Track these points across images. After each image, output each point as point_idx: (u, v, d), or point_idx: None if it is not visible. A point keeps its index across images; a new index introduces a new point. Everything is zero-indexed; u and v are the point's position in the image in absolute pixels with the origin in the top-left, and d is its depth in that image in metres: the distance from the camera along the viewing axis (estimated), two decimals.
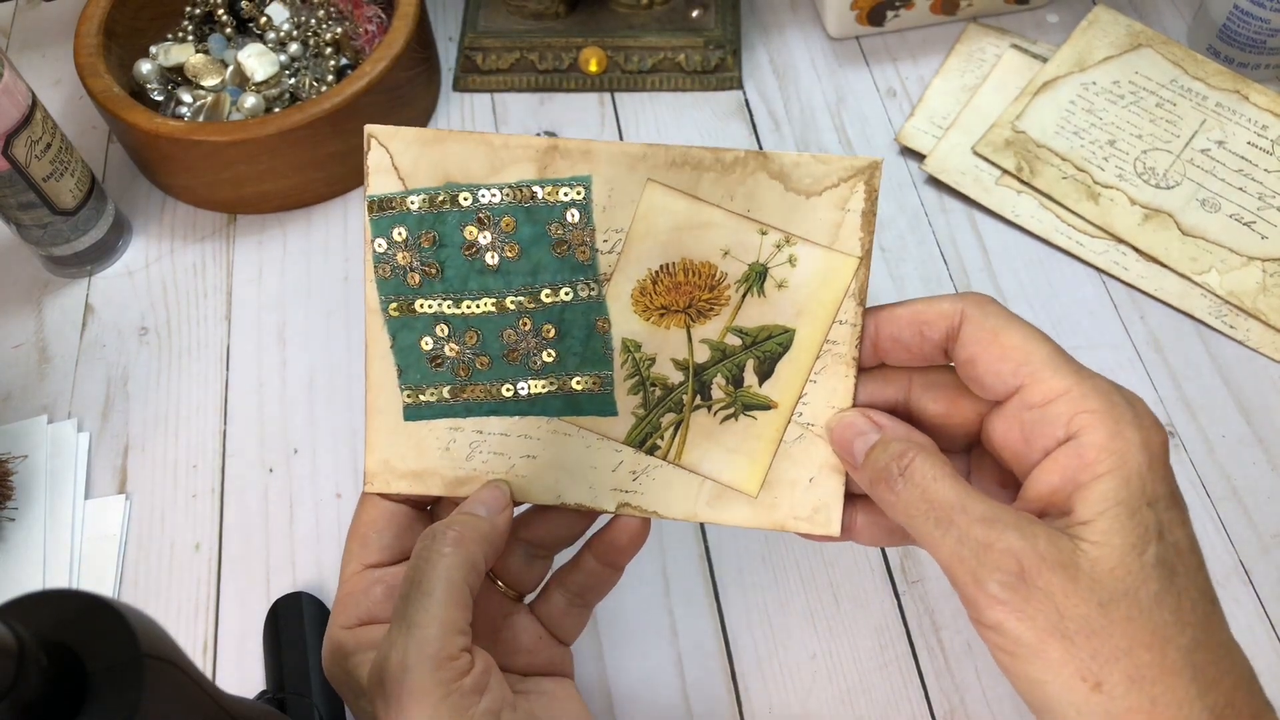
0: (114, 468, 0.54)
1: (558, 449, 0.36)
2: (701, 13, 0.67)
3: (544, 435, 0.37)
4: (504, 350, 0.36)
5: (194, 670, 0.30)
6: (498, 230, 0.35)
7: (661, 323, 0.36)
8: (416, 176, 0.35)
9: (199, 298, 0.60)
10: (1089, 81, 0.62)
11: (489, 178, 0.35)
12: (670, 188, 0.35)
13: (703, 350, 0.36)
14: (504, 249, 0.35)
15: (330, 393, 0.56)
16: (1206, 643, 0.29)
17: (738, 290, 0.35)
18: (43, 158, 0.54)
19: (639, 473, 0.36)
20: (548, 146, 0.35)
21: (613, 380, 0.36)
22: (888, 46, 0.68)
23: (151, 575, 0.51)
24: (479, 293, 0.36)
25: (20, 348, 0.59)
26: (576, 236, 0.35)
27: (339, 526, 0.52)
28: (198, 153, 0.58)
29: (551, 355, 0.36)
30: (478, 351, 0.36)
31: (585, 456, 0.36)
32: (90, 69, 0.60)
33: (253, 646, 0.49)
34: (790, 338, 0.35)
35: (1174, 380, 0.54)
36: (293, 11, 0.67)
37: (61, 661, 0.26)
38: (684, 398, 0.36)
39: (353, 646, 0.34)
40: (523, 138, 0.35)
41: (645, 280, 0.35)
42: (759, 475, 0.36)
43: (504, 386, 0.36)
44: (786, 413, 0.36)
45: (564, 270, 0.36)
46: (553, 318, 0.36)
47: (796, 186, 0.34)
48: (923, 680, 0.46)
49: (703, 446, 0.36)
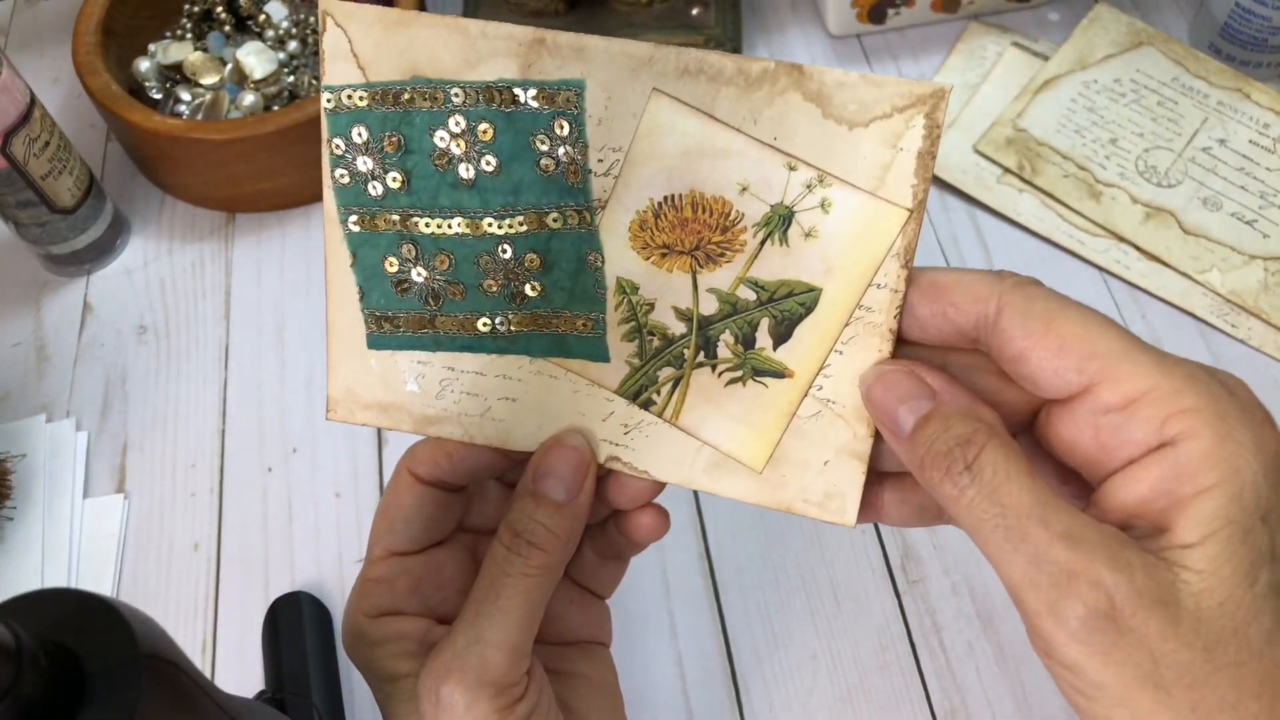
0: (112, 467, 0.54)
1: (541, 392, 0.32)
2: (702, 10, 0.67)
3: (526, 376, 0.32)
4: (480, 279, 0.31)
5: (193, 670, 0.30)
6: (473, 138, 0.30)
7: (663, 264, 0.31)
8: (378, 67, 0.30)
9: (198, 297, 0.60)
10: (1090, 80, 0.62)
11: (462, 73, 0.29)
12: (681, 102, 0.29)
13: (710, 301, 0.31)
14: (480, 160, 0.30)
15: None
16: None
17: (755, 235, 0.30)
18: (41, 156, 0.54)
19: (631, 427, 0.32)
20: (533, 39, 0.29)
21: (605, 323, 0.31)
22: (889, 44, 0.68)
23: (150, 575, 0.51)
24: (451, 210, 0.31)
25: (19, 347, 0.59)
26: (565, 154, 0.30)
27: (338, 526, 0.52)
28: (196, 151, 0.58)
29: (536, 289, 0.31)
30: (450, 279, 0.32)
31: (572, 402, 0.32)
32: (89, 67, 0.60)
33: (252, 646, 0.48)
34: (815, 298, 0.30)
35: None
36: (291, 9, 0.67)
37: (60, 661, 0.26)
38: (685, 352, 0.31)
39: (377, 636, 0.33)
40: (505, 26, 0.29)
41: (646, 212, 0.30)
42: (765, 450, 0.31)
43: (480, 320, 0.32)
44: (804, 384, 0.31)
45: (550, 192, 0.30)
46: (537, 246, 0.31)
47: (838, 114, 0.28)
48: (923, 680, 0.46)
49: (703, 409, 0.31)
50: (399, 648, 0.32)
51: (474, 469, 0.34)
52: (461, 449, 0.33)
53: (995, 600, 0.48)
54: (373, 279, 0.32)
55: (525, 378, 0.32)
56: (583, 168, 0.30)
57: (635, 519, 0.34)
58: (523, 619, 0.30)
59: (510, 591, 0.30)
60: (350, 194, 0.31)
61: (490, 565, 0.31)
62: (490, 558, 0.31)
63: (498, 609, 0.30)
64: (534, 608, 0.31)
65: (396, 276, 0.32)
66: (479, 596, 0.31)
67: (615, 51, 0.29)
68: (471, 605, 0.31)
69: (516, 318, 0.32)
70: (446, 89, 0.30)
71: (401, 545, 0.34)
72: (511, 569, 0.31)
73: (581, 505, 0.32)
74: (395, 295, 0.32)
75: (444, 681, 0.30)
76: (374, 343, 0.32)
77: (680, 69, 0.29)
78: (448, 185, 0.31)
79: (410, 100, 0.30)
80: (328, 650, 0.48)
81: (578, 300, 0.31)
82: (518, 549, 0.31)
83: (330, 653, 0.48)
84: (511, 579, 0.31)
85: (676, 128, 0.29)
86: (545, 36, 0.29)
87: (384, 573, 0.34)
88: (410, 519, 0.34)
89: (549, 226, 0.31)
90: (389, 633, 0.33)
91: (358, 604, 0.34)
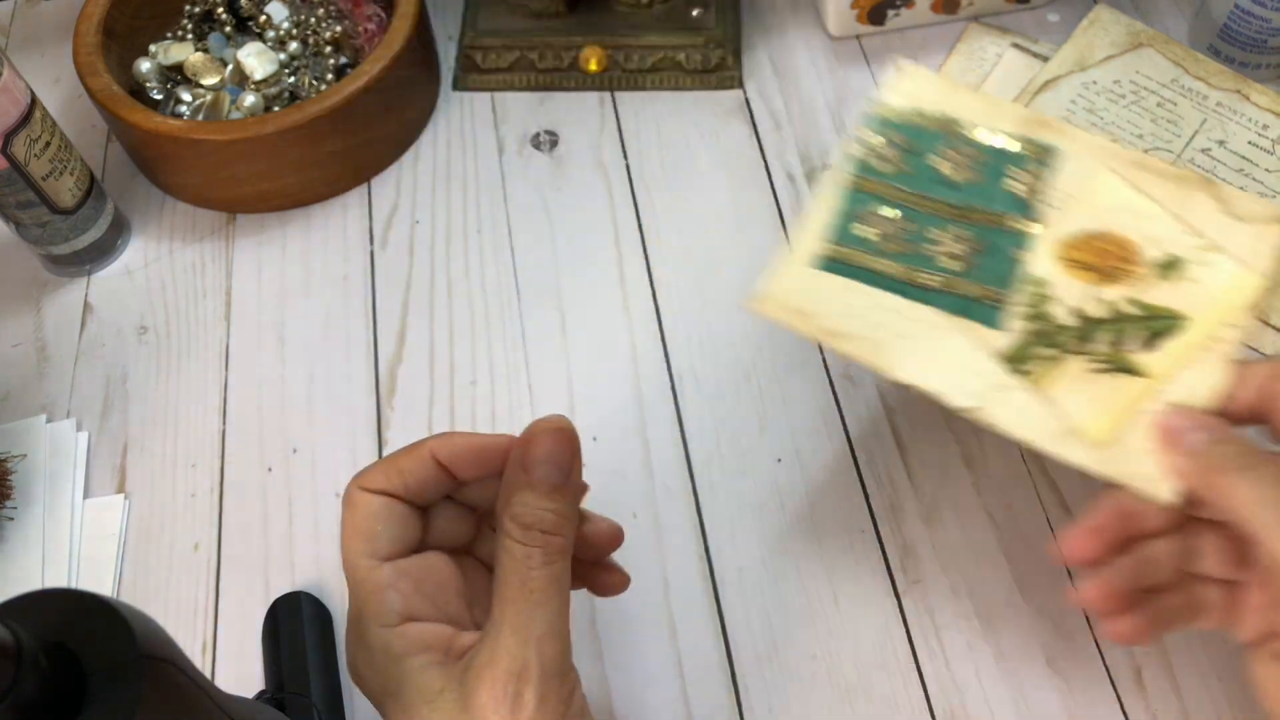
0: (113, 467, 0.54)
1: (934, 339, 0.39)
2: (702, 12, 0.67)
3: (927, 322, 0.40)
4: (927, 242, 0.41)
5: (193, 670, 0.30)
6: (962, 159, 0.42)
7: (1072, 273, 0.40)
8: (920, 102, 0.43)
9: (198, 297, 0.60)
10: (1090, 81, 0.62)
11: (977, 123, 0.43)
12: (1124, 179, 0.41)
13: (1100, 308, 0.39)
14: (963, 170, 0.42)
15: (329, 392, 0.56)
16: None
17: (1151, 271, 0.40)
18: (42, 156, 0.54)
19: (1000, 389, 0.38)
20: (1036, 120, 0.42)
21: (1008, 301, 0.40)
22: (888, 46, 0.68)
23: (150, 575, 0.51)
24: (928, 195, 0.42)
25: (19, 347, 0.59)
26: (1030, 185, 0.41)
27: (338, 526, 0.51)
28: (197, 152, 0.58)
29: (966, 264, 0.40)
30: (908, 238, 0.41)
31: (956, 355, 0.39)
32: (89, 68, 0.60)
33: (252, 646, 0.48)
34: (1183, 324, 0.39)
35: None
36: (292, 10, 0.67)
37: (60, 662, 0.26)
38: (1068, 340, 0.39)
39: (402, 647, 0.32)
40: (1019, 107, 0.43)
41: (1075, 235, 0.40)
42: (1111, 430, 0.38)
43: (918, 273, 0.40)
44: (1156, 386, 0.38)
45: (1008, 203, 0.41)
46: (983, 235, 0.41)
47: (1232, 211, 0.40)
48: (923, 681, 0.46)
49: (1068, 388, 0.38)
50: (428, 659, 0.32)
51: (424, 483, 0.35)
52: (413, 465, 0.34)
53: (995, 601, 0.48)
54: (846, 218, 0.41)
55: (926, 323, 0.40)
56: (1039, 197, 0.41)
57: (603, 576, 0.37)
58: (561, 605, 0.31)
59: (542, 583, 0.31)
60: (857, 163, 0.42)
61: (509, 563, 0.31)
62: (507, 556, 0.32)
63: (535, 603, 0.31)
64: (566, 592, 0.31)
65: (865, 221, 0.41)
66: (511, 595, 0.31)
67: (1092, 140, 0.42)
68: (507, 605, 0.31)
69: (939, 277, 0.40)
70: (963, 128, 0.43)
71: (386, 549, 0.34)
72: (534, 562, 0.31)
73: (576, 483, 0.33)
74: (856, 235, 0.41)
75: (512, 683, 0.30)
76: (824, 265, 0.41)
77: (1132, 161, 0.41)
78: (933, 179, 0.42)
79: (933, 125, 0.43)
80: (327, 650, 0.48)
81: (995, 278, 0.40)
82: (533, 540, 0.31)
83: (330, 652, 0.48)
84: (537, 571, 0.31)
85: (1115, 192, 0.41)
86: (1050, 121, 0.42)
87: (382, 579, 0.33)
88: (385, 522, 0.34)
89: (999, 225, 0.41)
90: (414, 643, 0.32)
91: (370, 620, 0.33)
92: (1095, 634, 0.47)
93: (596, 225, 0.61)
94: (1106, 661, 0.46)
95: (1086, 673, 0.46)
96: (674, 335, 0.57)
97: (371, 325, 0.58)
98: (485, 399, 0.55)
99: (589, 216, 0.61)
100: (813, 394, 0.54)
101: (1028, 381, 0.39)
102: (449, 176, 0.64)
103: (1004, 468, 0.51)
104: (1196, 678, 0.46)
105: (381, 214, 0.62)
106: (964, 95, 0.43)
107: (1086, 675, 0.46)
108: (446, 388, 0.55)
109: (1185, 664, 0.46)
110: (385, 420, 0.55)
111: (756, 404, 0.54)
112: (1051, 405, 0.38)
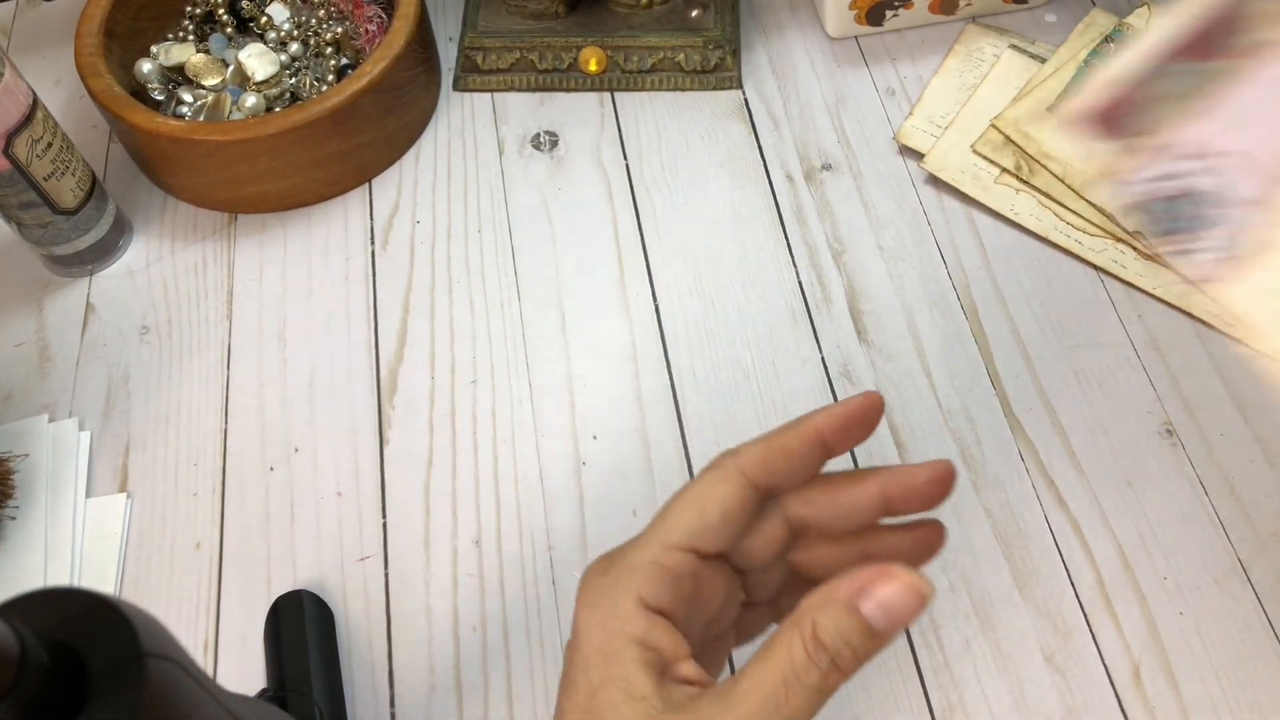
0: (115, 466, 0.54)
1: None
2: (701, 12, 0.67)
3: None
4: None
5: (195, 669, 0.30)
6: None
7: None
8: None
9: (200, 297, 0.60)
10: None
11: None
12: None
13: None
14: None
15: (331, 392, 0.56)
16: None
17: None
18: (44, 157, 0.55)
19: None
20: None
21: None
22: (886, 46, 0.68)
23: (152, 574, 0.51)
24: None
25: (21, 347, 0.59)
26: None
27: (339, 525, 0.52)
28: (198, 152, 0.59)
29: None
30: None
31: None
32: (91, 68, 0.60)
33: (254, 645, 0.49)
34: None
35: (1172, 379, 0.54)
36: (293, 11, 0.67)
37: (63, 660, 0.26)
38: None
39: (640, 632, 0.30)
40: None
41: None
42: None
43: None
44: None
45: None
46: None
47: None
48: (921, 678, 0.46)
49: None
50: (650, 658, 0.30)
51: (802, 468, 0.33)
52: (804, 447, 0.32)
53: (993, 598, 0.48)
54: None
55: None
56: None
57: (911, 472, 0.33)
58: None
59: (797, 701, 0.28)
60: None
61: (784, 659, 0.29)
62: (785, 650, 0.29)
63: (783, 714, 0.28)
64: (816, 712, 0.29)
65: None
66: (767, 687, 0.28)
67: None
68: (757, 691, 0.28)
69: None
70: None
71: (707, 543, 0.31)
72: (808, 680, 0.29)
73: (890, 641, 0.30)
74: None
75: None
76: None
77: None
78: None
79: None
80: (329, 648, 0.48)
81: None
82: (819, 661, 0.29)
83: (332, 651, 0.48)
84: (803, 690, 0.29)
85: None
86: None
87: (677, 565, 0.31)
88: (730, 518, 0.31)
89: None
90: (652, 636, 0.30)
91: (631, 580, 0.30)
92: (1093, 631, 0.47)
93: (596, 225, 0.61)
94: (1104, 659, 0.46)
95: (1084, 670, 0.46)
96: (674, 335, 0.57)
97: (372, 325, 0.58)
98: (486, 398, 0.55)
99: (589, 216, 0.62)
100: (812, 393, 0.54)
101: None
102: (449, 177, 0.64)
103: (1002, 466, 0.51)
104: (1195, 675, 0.46)
105: (382, 214, 0.63)
106: None
107: (1084, 672, 0.46)
108: (447, 387, 0.56)
109: (1183, 661, 0.46)
110: (386, 419, 0.55)
111: (756, 404, 0.54)
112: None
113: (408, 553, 0.51)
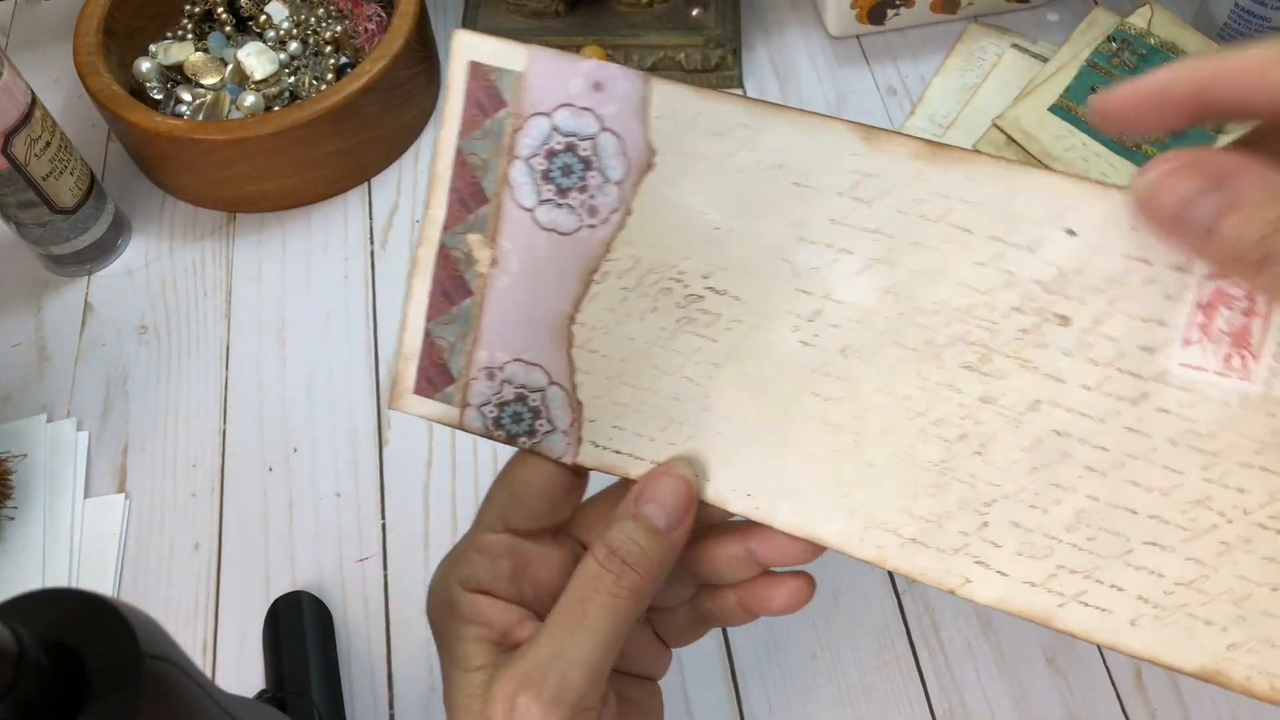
0: (113, 467, 0.54)
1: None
2: (701, 11, 0.67)
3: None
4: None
5: (194, 670, 0.30)
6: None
7: None
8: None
9: (198, 296, 0.60)
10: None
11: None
12: None
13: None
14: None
15: (330, 392, 0.56)
16: None
17: None
18: (42, 156, 0.54)
19: None
20: None
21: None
22: (888, 45, 0.68)
23: (151, 574, 0.51)
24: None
25: (19, 346, 0.59)
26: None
27: (338, 526, 0.52)
28: (197, 151, 0.58)
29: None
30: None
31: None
32: (89, 67, 0.60)
33: (252, 646, 0.49)
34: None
35: None
36: (292, 10, 0.67)
37: (61, 661, 0.26)
38: None
39: (466, 612, 0.32)
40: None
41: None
42: None
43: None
44: None
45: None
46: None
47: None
48: (923, 680, 0.46)
49: None
50: (481, 633, 0.31)
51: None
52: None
53: None
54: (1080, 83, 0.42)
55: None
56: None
57: (769, 587, 0.34)
58: (606, 641, 0.30)
59: (598, 610, 0.30)
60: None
61: (581, 580, 0.31)
62: (582, 572, 0.31)
63: (583, 627, 0.30)
64: (619, 631, 0.30)
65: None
66: (566, 610, 0.30)
67: None
68: (557, 617, 0.30)
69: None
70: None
71: (521, 522, 0.33)
72: (602, 586, 0.30)
73: (678, 538, 0.32)
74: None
75: (521, 692, 0.29)
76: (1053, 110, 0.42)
77: None
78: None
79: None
80: (328, 650, 0.48)
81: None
82: (610, 566, 0.30)
83: (331, 652, 0.48)
84: (600, 597, 0.30)
85: None
86: None
87: (492, 546, 0.32)
88: (538, 495, 0.33)
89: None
90: (478, 613, 0.32)
91: (454, 570, 0.32)
92: None
93: None
94: (1106, 661, 0.46)
95: (1086, 672, 0.46)
96: None
97: (372, 324, 0.58)
98: None
99: None
100: None
101: None
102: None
103: None
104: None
105: (382, 213, 0.62)
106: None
107: (1086, 674, 0.46)
108: None
109: None
110: (385, 420, 0.55)
111: None
112: None
113: (407, 553, 0.51)
